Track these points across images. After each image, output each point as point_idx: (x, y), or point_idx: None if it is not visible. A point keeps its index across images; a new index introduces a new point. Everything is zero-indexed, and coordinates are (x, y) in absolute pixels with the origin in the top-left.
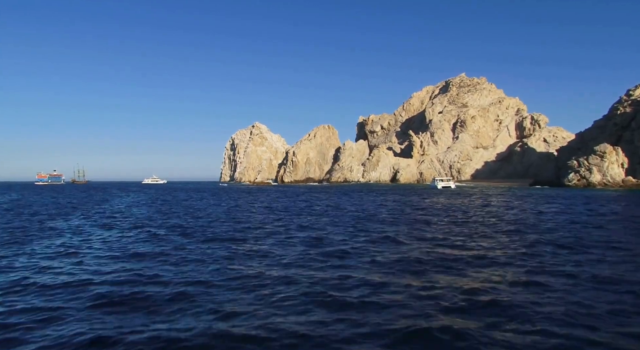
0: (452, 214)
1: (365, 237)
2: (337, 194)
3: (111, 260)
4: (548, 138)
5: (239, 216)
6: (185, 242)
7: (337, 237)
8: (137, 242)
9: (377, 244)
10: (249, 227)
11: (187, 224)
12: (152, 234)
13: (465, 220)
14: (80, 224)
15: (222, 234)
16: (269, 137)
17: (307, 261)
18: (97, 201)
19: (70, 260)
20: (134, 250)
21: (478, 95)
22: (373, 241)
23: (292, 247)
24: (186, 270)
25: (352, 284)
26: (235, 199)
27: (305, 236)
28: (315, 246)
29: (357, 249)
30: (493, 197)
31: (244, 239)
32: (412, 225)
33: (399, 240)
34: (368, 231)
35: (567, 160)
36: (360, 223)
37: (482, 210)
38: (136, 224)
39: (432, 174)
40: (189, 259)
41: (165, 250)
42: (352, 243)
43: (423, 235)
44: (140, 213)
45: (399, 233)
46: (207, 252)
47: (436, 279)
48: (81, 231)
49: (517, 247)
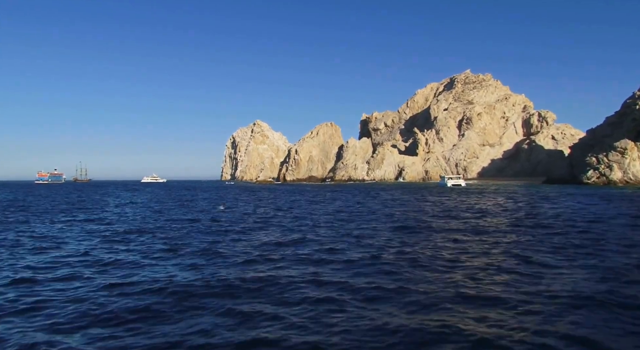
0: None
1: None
2: (352, 194)
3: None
4: (556, 135)
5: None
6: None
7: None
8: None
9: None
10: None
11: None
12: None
13: (549, 225)
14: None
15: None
16: (271, 135)
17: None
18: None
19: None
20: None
21: (484, 92)
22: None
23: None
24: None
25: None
26: (274, 201)
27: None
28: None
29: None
30: (519, 196)
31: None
32: (517, 233)
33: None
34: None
35: (580, 157)
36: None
37: (536, 212)
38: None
39: (438, 171)
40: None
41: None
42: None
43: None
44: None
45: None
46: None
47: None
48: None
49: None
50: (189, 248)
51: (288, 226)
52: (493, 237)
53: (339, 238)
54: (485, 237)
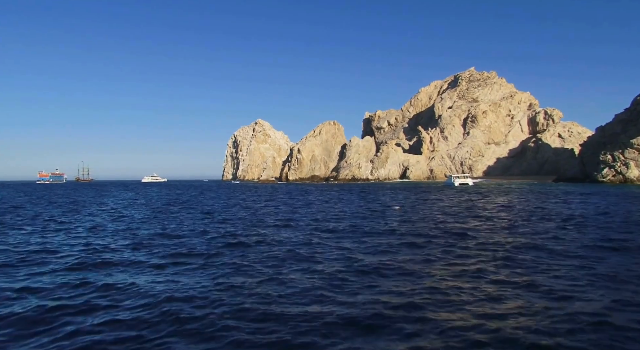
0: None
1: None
2: (368, 193)
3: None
4: (563, 133)
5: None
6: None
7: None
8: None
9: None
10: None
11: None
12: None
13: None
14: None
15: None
16: (272, 134)
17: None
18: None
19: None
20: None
21: (489, 90)
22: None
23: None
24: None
25: None
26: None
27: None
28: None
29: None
30: (545, 196)
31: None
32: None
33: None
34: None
35: (592, 155)
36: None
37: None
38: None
39: (443, 170)
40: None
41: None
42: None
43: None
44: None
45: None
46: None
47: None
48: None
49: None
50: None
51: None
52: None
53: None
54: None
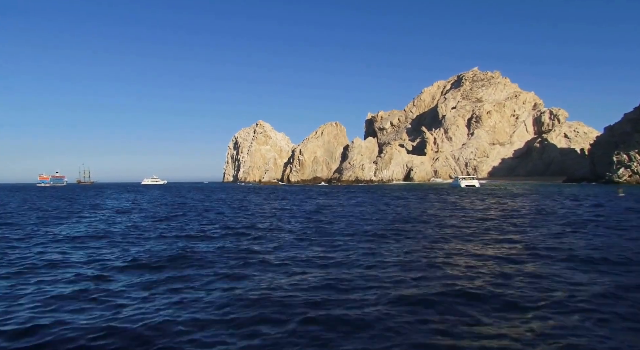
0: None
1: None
2: (385, 195)
3: None
4: (569, 133)
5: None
6: None
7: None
8: None
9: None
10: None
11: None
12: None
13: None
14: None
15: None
16: (273, 136)
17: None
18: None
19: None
20: None
21: (493, 90)
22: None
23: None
24: None
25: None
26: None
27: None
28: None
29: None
30: (567, 199)
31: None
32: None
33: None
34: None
35: (603, 155)
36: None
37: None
38: None
39: (447, 171)
40: None
41: None
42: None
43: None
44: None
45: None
46: None
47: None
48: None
49: None
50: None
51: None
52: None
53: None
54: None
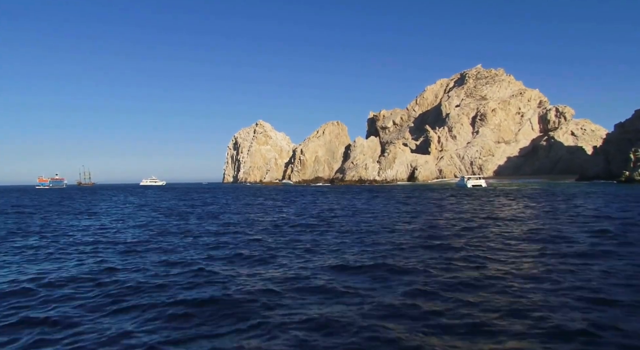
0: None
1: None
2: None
3: None
4: (576, 131)
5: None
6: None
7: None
8: None
9: None
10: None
11: None
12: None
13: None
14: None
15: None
16: (274, 136)
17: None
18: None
19: None
20: None
21: (497, 87)
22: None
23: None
24: None
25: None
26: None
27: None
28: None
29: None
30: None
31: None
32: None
33: None
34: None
35: (618, 153)
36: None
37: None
38: None
39: (452, 170)
40: None
41: None
42: None
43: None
44: None
45: None
46: None
47: None
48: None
49: None
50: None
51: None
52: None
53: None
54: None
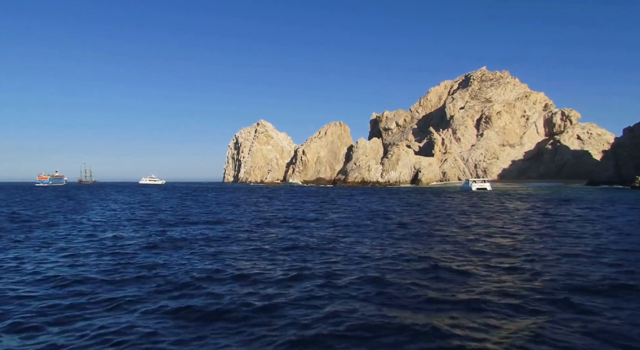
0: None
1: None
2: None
3: None
4: (582, 135)
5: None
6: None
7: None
8: None
9: None
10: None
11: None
12: None
13: None
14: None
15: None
16: (275, 136)
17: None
18: None
19: None
20: None
21: (502, 90)
22: None
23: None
24: None
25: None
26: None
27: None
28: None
29: None
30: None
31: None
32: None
33: None
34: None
35: (628, 157)
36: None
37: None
38: None
39: (456, 173)
40: None
41: None
42: None
43: None
44: None
45: None
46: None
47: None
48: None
49: None
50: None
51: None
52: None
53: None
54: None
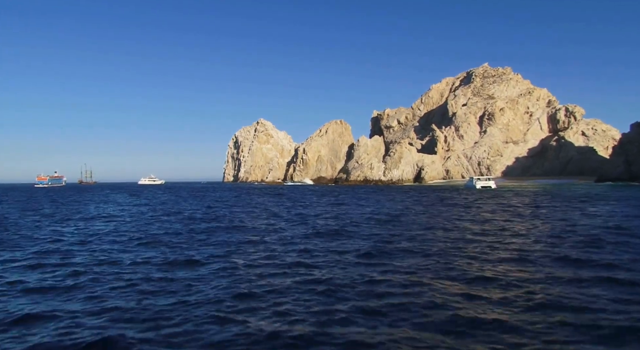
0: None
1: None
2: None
3: None
4: (587, 131)
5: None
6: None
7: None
8: None
9: None
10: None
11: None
12: None
13: None
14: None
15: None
16: (275, 135)
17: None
18: None
19: None
20: None
21: (505, 86)
22: None
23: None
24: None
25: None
26: None
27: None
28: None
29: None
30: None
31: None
32: None
33: None
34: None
35: (638, 153)
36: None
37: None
38: None
39: (460, 171)
40: None
41: None
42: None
43: None
44: None
45: None
46: None
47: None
48: None
49: None
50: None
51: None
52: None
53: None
54: None
